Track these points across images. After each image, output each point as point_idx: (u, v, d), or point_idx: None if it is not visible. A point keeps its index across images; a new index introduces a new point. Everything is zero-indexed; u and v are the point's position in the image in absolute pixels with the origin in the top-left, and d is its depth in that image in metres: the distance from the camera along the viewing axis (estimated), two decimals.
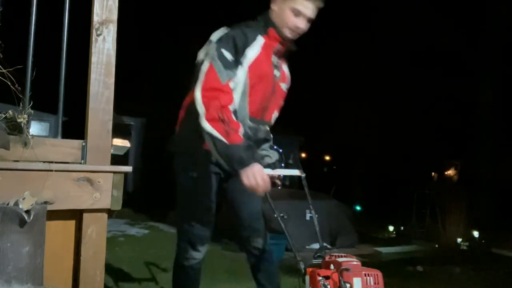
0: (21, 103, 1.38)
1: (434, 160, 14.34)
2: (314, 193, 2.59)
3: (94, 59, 1.48)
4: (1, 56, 1.31)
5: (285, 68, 2.03)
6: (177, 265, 2.18)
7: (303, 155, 16.69)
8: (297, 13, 1.79)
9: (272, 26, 1.83)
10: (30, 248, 1.14)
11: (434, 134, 12.97)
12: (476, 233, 6.52)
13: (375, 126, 13.26)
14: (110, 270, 3.73)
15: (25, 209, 1.13)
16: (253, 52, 1.79)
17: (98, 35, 1.49)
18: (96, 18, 1.49)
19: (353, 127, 13.54)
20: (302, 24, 1.82)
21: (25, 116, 1.35)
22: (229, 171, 1.70)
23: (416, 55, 11.49)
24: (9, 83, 1.31)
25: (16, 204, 1.14)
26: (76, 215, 1.45)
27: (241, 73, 1.77)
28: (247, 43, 1.78)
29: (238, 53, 1.75)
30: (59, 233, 1.44)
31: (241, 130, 1.69)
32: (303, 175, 2.42)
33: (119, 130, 10.07)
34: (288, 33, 1.84)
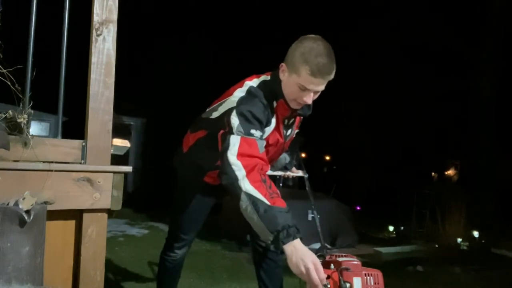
0: (21, 103, 1.38)
1: (434, 160, 14.35)
2: (314, 193, 2.59)
3: (94, 59, 1.48)
4: (1, 56, 1.31)
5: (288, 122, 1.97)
6: (161, 256, 2.40)
7: (303, 155, 16.69)
8: (304, 89, 1.69)
9: (282, 98, 1.78)
10: (30, 248, 1.14)
11: (434, 134, 12.97)
12: (476, 233, 6.51)
13: (375, 126, 13.26)
14: (110, 270, 3.74)
15: (25, 209, 1.13)
16: (271, 127, 1.81)
17: (98, 35, 1.49)
18: (96, 18, 1.49)
19: (353, 127, 13.55)
20: (309, 99, 1.73)
21: (25, 116, 1.35)
22: (266, 238, 1.44)
23: (416, 54, 11.49)
24: (9, 83, 1.31)
25: (16, 204, 1.14)
26: (76, 215, 1.45)
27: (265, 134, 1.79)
28: (267, 121, 1.75)
29: (262, 131, 1.70)
30: (59, 233, 1.44)
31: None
32: (306, 175, 2.43)
33: (119, 130, 10.08)
34: (295, 106, 1.79)
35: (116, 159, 1.54)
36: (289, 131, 1.96)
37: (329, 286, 1.81)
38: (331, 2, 13.34)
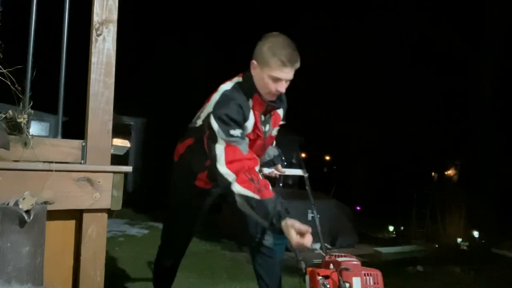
0: (21, 103, 1.38)
1: (434, 160, 14.34)
2: (314, 193, 2.59)
3: (94, 59, 1.48)
4: (1, 56, 1.31)
5: (279, 111, 2.13)
6: (156, 265, 2.52)
7: (303, 155, 16.69)
8: (276, 79, 1.84)
9: (256, 92, 1.91)
10: (30, 248, 1.14)
11: (434, 134, 12.96)
12: (476, 233, 6.51)
13: (375, 126, 13.25)
14: (110, 270, 3.74)
15: (25, 209, 1.13)
16: (250, 122, 1.92)
17: (98, 35, 1.49)
18: (96, 18, 1.49)
19: (353, 127, 13.54)
20: (282, 88, 1.88)
21: (25, 116, 1.35)
22: (267, 227, 1.72)
23: (416, 54, 11.49)
24: (9, 83, 1.31)
25: (16, 204, 1.15)
26: (76, 215, 1.45)
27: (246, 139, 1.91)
28: (245, 117, 1.89)
29: (242, 127, 1.85)
30: (59, 233, 1.44)
31: (270, 187, 1.74)
32: (306, 175, 2.44)
33: (119, 130, 10.08)
34: (270, 97, 1.93)
35: (116, 159, 1.54)
36: (267, 126, 2.07)
37: (328, 286, 1.81)
38: (334, 2, 13.35)
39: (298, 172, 2.51)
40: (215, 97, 1.91)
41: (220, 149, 1.78)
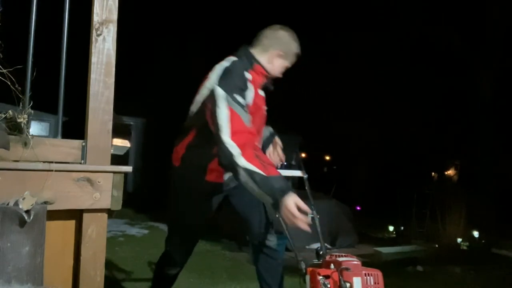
0: (21, 103, 1.37)
1: (434, 160, 14.35)
2: (314, 193, 2.59)
3: (94, 59, 1.48)
4: (1, 56, 1.31)
5: (262, 94, 2.20)
6: (160, 269, 2.41)
7: (303, 155, 16.69)
8: (285, 69, 2.16)
9: (258, 63, 2.06)
10: (30, 248, 1.14)
11: (434, 134, 12.96)
12: (476, 233, 6.52)
13: (375, 126, 13.26)
14: (110, 270, 3.74)
15: (25, 209, 1.13)
16: (250, 93, 1.98)
17: (98, 35, 1.49)
18: (96, 18, 1.49)
19: (353, 127, 13.54)
20: (281, 74, 2.17)
21: (25, 116, 1.35)
22: (268, 202, 1.77)
23: (416, 54, 11.49)
24: (9, 83, 1.31)
25: (16, 204, 1.14)
26: (76, 215, 1.45)
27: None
28: (246, 86, 1.96)
29: (244, 97, 1.91)
30: (59, 233, 1.44)
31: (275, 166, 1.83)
32: (305, 176, 2.44)
33: (119, 130, 10.08)
34: (272, 75, 2.14)
35: (116, 159, 1.54)
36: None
37: (329, 286, 1.81)
38: (334, 2, 13.34)
39: (297, 173, 2.50)
40: (217, 72, 1.97)
41: (224, 116, 1.80)
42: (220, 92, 1.86)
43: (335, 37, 13.39)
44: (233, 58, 2.07)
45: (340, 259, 1.92)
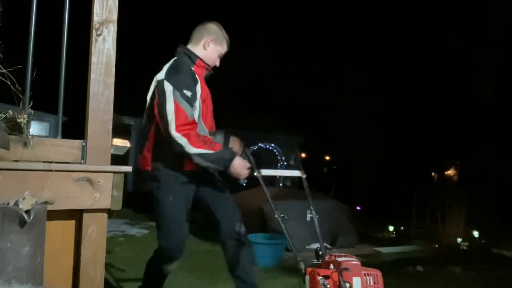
0: (21, 103, 1.37)
1: (434, 160, 14.34)
2: (314, 193, 2.59)
3: (94, 59, 1.48)
4: (1, 56, 1.31)
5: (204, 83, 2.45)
6: (155, 264, 2.41)
7: (303, 155, 16.69)
8: (220, 56, 2.41)
9: (197, 57, 2.31)
10: (30, 248, 1.14)
11: (434, 134, 12.96)
12: (476, 233, 6.51)
13: (375, 126, 13.26)
14: (110, 270, 3.74)
15: (25, 209, 1.13)
16: (198, 86, 2.24)
17: (98, 35, 1.49)
18: (96, 18, 1.49)
19: (353, 127, 13.54)
20: (218, 63, 2.43)
21: (25, 116, 1.35)
22: (222, 171, 2.18)
23: (416, 54, 11.49)
24: (9, 83, 1.31)
25: (16, 204, 1.14)
26: (76, 215, 1.45)
27: (197, 103, 2.22)
28: (195, 80, 2.23)
29: (192, 88, 2.18)
30: (59, 233, 1.44)
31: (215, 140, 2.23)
32: (304, 175, 2.44)
33: (119, 130, 10.07)
34: (210, 64, 2.38)
35: (116, 159, 1.54)
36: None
37: (328, 286, 1.81)
38: (334, 2, 13.33)
39: (296, 173, 2.50)
40: (162, 72, 2.23)
41: (170, 111, 2.09)
42: (168, 87, 2.13)
43: (335, 37, 13.38)
44: (175, 58, 2.33)
45: (340, 259, 1.92)
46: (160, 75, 2.22)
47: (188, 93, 2.14)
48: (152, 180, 2.27)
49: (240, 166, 2.16)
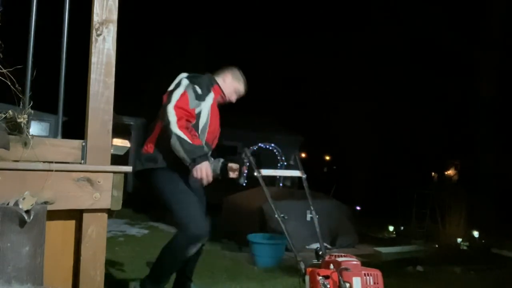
0: (21, 103, 1.37)
1: (434, 160, 14.34)
2: (314, 193, 2.59)
3: (94, 59, 1.48)
4: (1, 56, 1.31)
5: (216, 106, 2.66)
6: (186, 244, 2.33)
7: (303, 155, 16.68)
8: (237, 93, 2.68)
9: (217, 84, 2.58)
10: (30, 248, 1.14)
11: (434, 134, 12.96)
12: (476, 233, 6.50)
13: (375, 126, 13.25)
14: (110, 270, 3.74)
15: (25, 209, 1.13)
16: (211, 98, 2.48)
17: (98, 35, 1.49)
18: (96, 18, 1.49)
19: (353, 127, 13.54)
20: (234, 100, 2.70)
21: (25, 116, 1.35)
22: (187, 164, 2.25)
23: (416, 54, 11.49)
24: (9, 83, 1.31)
25: (16, 204, 1.14)
26: (76, 215, 1.45)
27: (205, 110, 2.43)
28: (209, 90, 2.48)
29: (204, 92, 2.42)
30: (59, 233, 1.44)
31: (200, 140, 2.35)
32: (304, 176, 2.44)
33: (119, 130, 10.07)
34: (227, 98, 2.66)
35: (116, 159, 1.54)
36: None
37: (328, 286, 1.81)
38: (334, 2, 13.33)
39: (296, 173, 2.50)
40: (184, 74, 2.50)
41: (177, 95, 2.30)
42: (184, 81, 2.40)
43: (335, 37, 13.38)
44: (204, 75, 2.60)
45: (340, 259, 1.92)
46: (181, 75, 2.49)
47: (199, 90, 2.37)
48: (152, 162, 2.38)
49: (205, 169, 2.23)
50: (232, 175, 2.61)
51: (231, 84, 2.65)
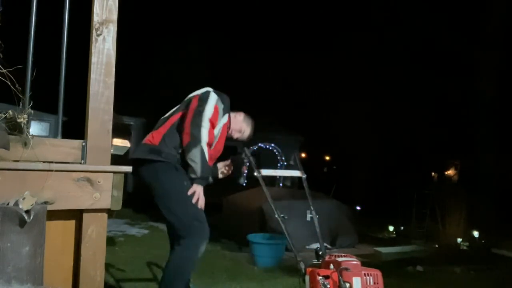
0: (21, 103, 1.37)
1: (434, 160, 14.34)
2: (314, 193, 2.60)
3: (94, 59, 1.48)
4: (1, 56, 1.31)
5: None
6: (192, 251, 2.42)
7: (303, 155, 16.69)
8: (242, 133, 2.77)
9: (229, 114, 2.62)
10: (30, 248, 1.14)
11: (434, 134, 12.96)
12: (476, 233, 6.51)
13: (375, 126, 13.25)
14: (110, 270, 3.74)
15: (25, 209, 1.13)
16: (225, 119, 2.54)
17: (98, 35, 1.49)
18: (96, 18, 1.49)
19: (353, 127, 13.54)
20: (236, 137, 2.78)
21: (25, 116, 1.35)
22: (192, 175, 2.28)
23: (416, 54, 11.49)
24: (9, 83, 1.31)
25: (16, 204, 1.14)
26: (76, 215, 1.45)
27: (218, 128, 2.47)
28: (226, 112, 2.53)
29: (224, 111, 2.49)
30: (59, 233, 1.44)
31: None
32: (304, 176, 2.44)
33: (119, 130, 10.07)
34: (229, 131, 2.69)
35: (116, 159, 1.54)
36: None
37: (328, 286, 1.81)
38: (334, 2, 13.33)
39: (296, 173, 2.51)
40: (210, 89, 2.54)
41: (211, 104, 2.37)
42: (213, 94, 2.44)
43: (335, 37, 13.38)
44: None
45: (340, 259, 1.92)
46: (206, 88, 2.54)
47: (222, 106, 2.46)
48: (155, 153, 2.31)
49: (200, 192, 2.27)
50: (225, 173, 2.68)
51: (240, 122, 2.75)
